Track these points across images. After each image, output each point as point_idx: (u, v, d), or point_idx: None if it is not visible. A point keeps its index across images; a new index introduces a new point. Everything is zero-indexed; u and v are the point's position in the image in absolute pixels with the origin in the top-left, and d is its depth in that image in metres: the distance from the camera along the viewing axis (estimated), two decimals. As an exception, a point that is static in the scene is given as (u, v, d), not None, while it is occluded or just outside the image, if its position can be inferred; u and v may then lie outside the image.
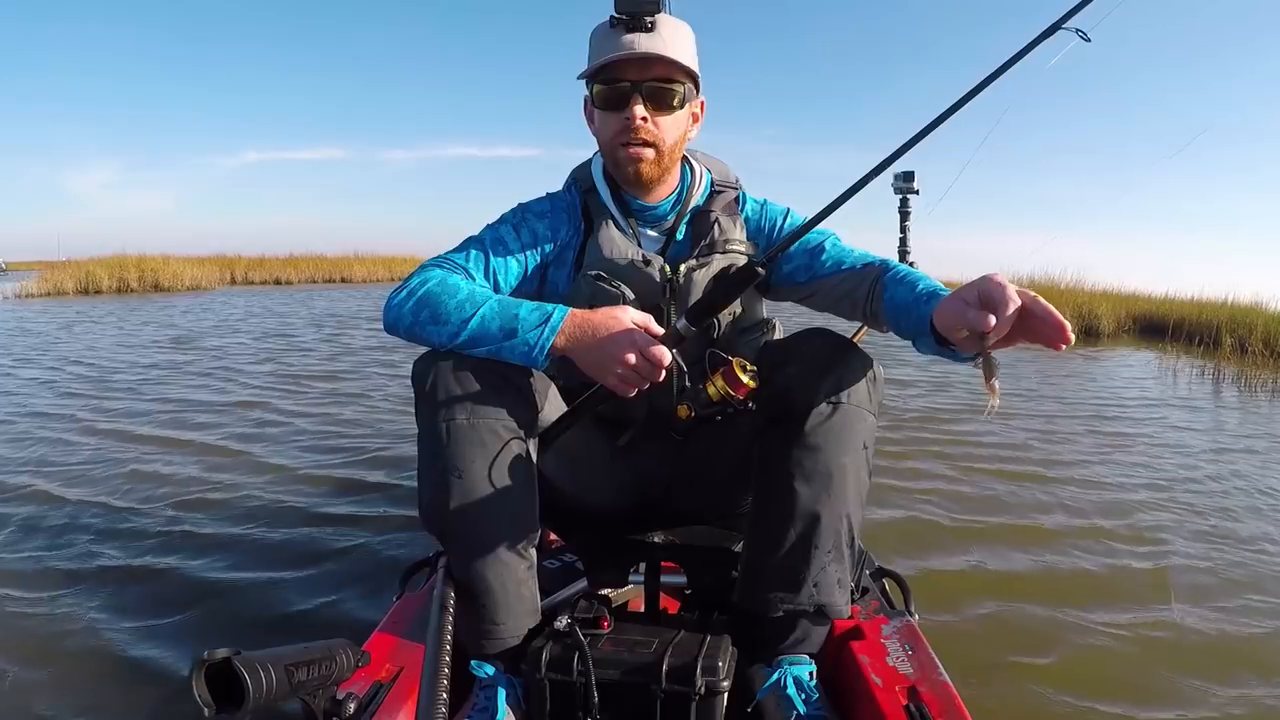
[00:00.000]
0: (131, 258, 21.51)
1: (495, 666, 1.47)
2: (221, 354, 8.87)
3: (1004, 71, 1.40)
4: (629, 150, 1.54)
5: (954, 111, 1.41)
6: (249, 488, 3.79)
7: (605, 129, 1.56)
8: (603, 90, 1.54)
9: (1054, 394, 6.91)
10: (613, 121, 1.54)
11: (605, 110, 1.55)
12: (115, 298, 17.91)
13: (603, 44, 1.51)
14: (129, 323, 12.56)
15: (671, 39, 1.51)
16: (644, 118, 1.52)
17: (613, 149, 1.56)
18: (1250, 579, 2.88)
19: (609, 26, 1.51)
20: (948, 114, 1.41)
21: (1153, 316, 13.49)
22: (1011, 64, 1.40)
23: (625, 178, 1.60)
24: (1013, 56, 1.41)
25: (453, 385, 1.41)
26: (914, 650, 1.55)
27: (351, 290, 22.11)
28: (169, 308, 15.37)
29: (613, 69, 1.50)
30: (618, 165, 1.58)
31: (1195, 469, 4.42)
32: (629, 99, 1.51)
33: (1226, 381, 8.25)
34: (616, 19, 1.49)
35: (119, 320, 12.96)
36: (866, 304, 1.55)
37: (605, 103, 1.54)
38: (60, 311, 14.63)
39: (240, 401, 6.00)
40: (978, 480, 4.11)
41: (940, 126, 1.42)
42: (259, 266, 26.08)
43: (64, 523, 3.29)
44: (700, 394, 1.44)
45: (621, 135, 1.53)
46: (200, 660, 1.08)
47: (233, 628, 2.42)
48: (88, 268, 20.10)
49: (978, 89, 1.41)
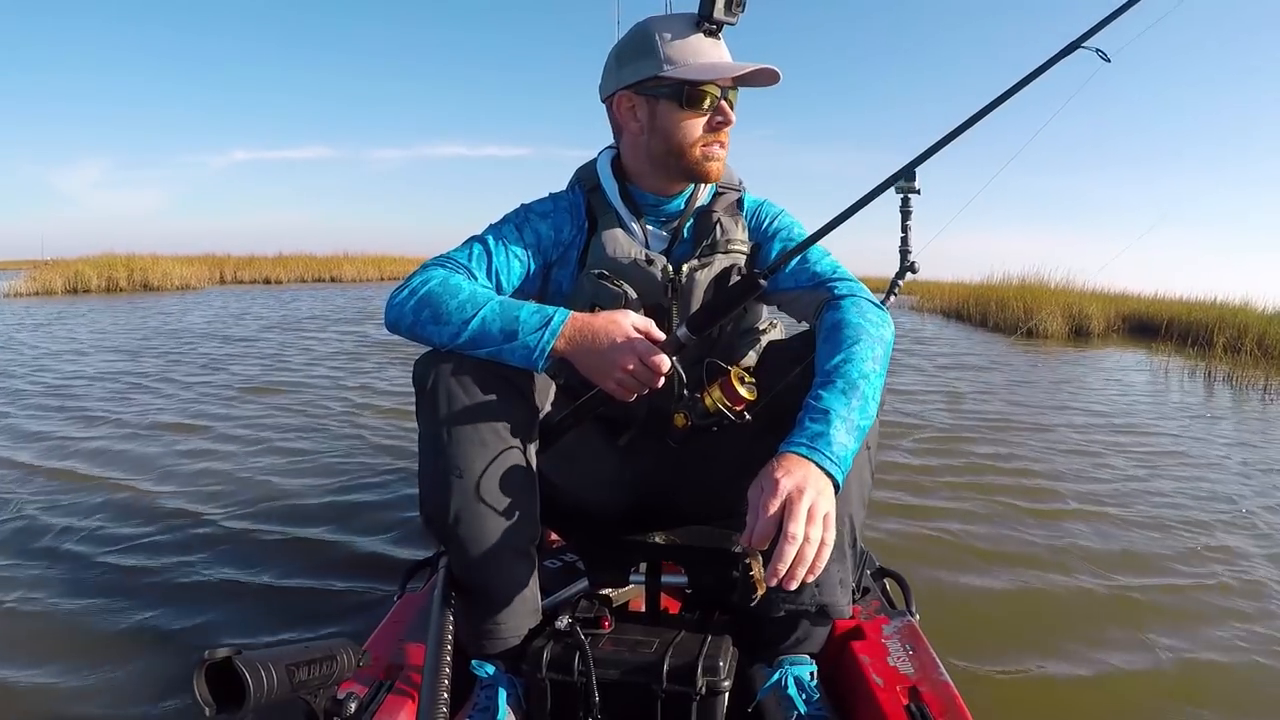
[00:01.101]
0: (120, 257, 21.40)
1: (496, 666, 1.47)
2: (218, 350, 8.85)
3: (1019, 89, 1.39)
4: (714, 149, 1.55)
5: (966, 128, 1.40)
6: (248, 488, 3.77)
7: (690, 130, 1.53)
8: (697, 93, 1.50)
9: (1050, 398, 6.93)
10: (701, 124, 1.53)
11: (692, 111, 1.52)
12: (104, 297, 17.81)
13: (693, 47, 1.50)
14: (127, 319, 12.49)
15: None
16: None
17: (697, 150, 1.54)
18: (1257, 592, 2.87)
19: (691, 26, 1.50)
20: (959, 131, 1.40)
21: (1142, 316, 13.58)
22: (1027, 82, 1.40)
23: (702, 174, 1.58)
24: (1029, 74, 1.40)
25: (454, 386, 1.41)
26: (915, 650, 1.55)
27: (340, 290, 22.03)
28: (152, 307, 15.29)
29: (713, 75, 1.50)
30: (695, 164, 1.56)
31: (1192, 475, 4.41)
32: (726, 103, 1.53)
33: (1219, 382, 8.32)
34: (709, 26, 1.50)
35: (111, 316, 12.89)
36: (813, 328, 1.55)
37: (698, 106, 1.52)
38: (38, 310, 14.51)
39: (240, 402, 5.97)
40: (978, 481, 4.12)
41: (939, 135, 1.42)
42: (248, 266, 25.98)
43: (64, 523, 3.27)
44: (697, 404, 1.43)
45: (710, 138, 1.54)
46: (201, 660, 1.08)
47: (233, 627, 2.41)
48: (76, 267, 19.99)
49: (992, 106, 1.40)
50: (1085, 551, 3.15)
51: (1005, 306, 13.88)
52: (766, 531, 1.18)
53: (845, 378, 1.34)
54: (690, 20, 1.50)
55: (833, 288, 1.52)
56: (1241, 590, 2.82)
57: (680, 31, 1.50)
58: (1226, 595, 2.77)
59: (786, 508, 1.17)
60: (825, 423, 1.28)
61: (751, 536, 1.19)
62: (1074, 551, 3.14)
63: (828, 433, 1.27)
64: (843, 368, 1.35)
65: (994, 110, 1.40)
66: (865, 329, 1.41)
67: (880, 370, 1.38)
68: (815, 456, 1.24)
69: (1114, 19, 1.40)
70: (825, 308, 1.49)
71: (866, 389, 1.34)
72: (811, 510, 1.18)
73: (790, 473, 1.20)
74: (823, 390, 1.33)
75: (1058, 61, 1.39)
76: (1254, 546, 3.25)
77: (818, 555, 1.18)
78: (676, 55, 1.49)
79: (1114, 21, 1.40)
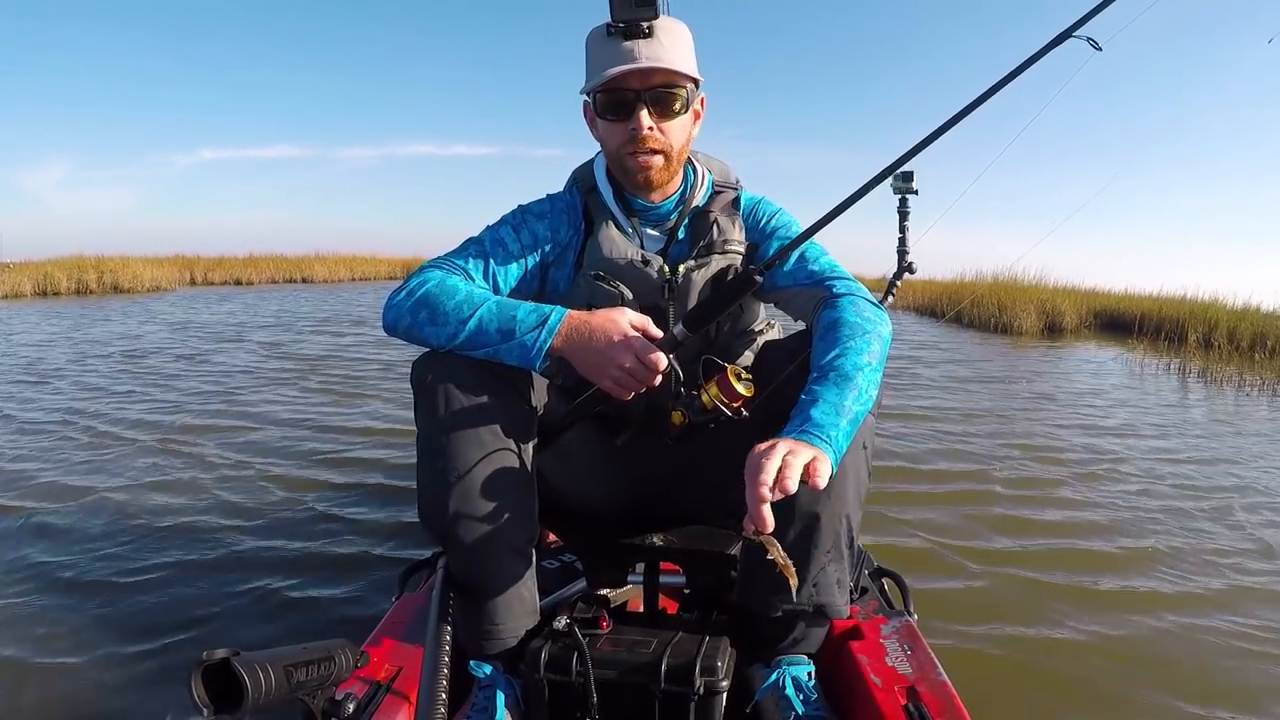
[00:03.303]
0: (90, 258, 21.05)
1: (494, 667, 1.47)
2: (223, 352, 8.78)
3: (1011, 80, 1.40)
4: (637, 159, 1.53)
5: (958, 120, 1.40)
6: (246, 489, 3.75)
7: (611, 138, 1.55)
8: (606, 100, 1.52)
9: (1038, 396, 6.94)
10: (618, 131, 1.53)
11: (610, 120, 1.53)
12: (75, 300, 17.55)
13: (602, 53, 1.49)
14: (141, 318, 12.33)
15: (671, 44, 1.49)
16: (650, 126, 1.51)
17: (620, 158, 1.55)
18: (1252, 584, 2.90)
19: (606, 34, 1.49)
20: (951, 123, 1.41)
21: (1113, 312, 13.71)
22: (1019, 72, 1.40)
23: (634, 184, 1.59)
24: (1021, 64, 1.40)
25: (451, 386, 1.41)
26: (913, 650, 1.56)
27: (314, 291, 21.86)
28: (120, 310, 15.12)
29: (615, 79, 1.48)
30: (626, 173, 1.57)
31: (1188, 473, 4.43)
32: (634, 108, 1.50)
33: (1192, 376, 8.44)
34: (614, 27, 1.47)
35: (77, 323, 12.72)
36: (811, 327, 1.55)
37: (609, 112, 1.53)
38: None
39: (240, 401, 5.95)
40: (977, 480, 4.13)
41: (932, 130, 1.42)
42: (219, 267, 25.62)
43: (62, 524, 3.26)
44: (694, 401, 1.43)
45: (628, 145, 1.52)
46: (199, 660, 1.07)
47: (231, 628, 2.40)
48: (45, 269, 19.66)
49: (984, 97, 1.40)
50: (1084, 550, 3.17)
51: (980, 304, 13.95)
52: (759, 508, 1.15)
53: (839, 371, 1.34)
54: (605, 26, 1.50)
55: (830, 286, 1.52)
56: (1247, 592, 2.83)
57: (596, 39, 1.51)
58: (1227, 595, 2.78)
59: (760, 465, 1.15)
60: (815, 410, 1.29)
61: (750, 520, 1.16)
62: (1072, 550, 3.16)
63: (817, 418, 1.28)
64: (837, 362, 1.36)
65: (986, 101, 1.40)
66: (862, 326, 1.41)
67: (877, 365, 1.39)
68: (803, 437, 1.24)
69: (1105, 7, 1.40)
70: (822, 306, 1.49)
71: (861, 380, 1.34)
72: (787, 459, 1.16)
73: (773, 448, 1.19)
74: (816, 385, 1.34)
75: (1049, 51, 1.40)
76: (1253, 546, 3.27)
77: (810, 477, 1.16)
78: (592, 64, 1.51)
79: (1104, 10, 1.40)
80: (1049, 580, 2.87)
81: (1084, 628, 2.51)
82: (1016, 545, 3.22)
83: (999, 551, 3.14)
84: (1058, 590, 2.78)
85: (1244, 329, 10.92)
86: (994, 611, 2.60)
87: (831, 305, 1.48)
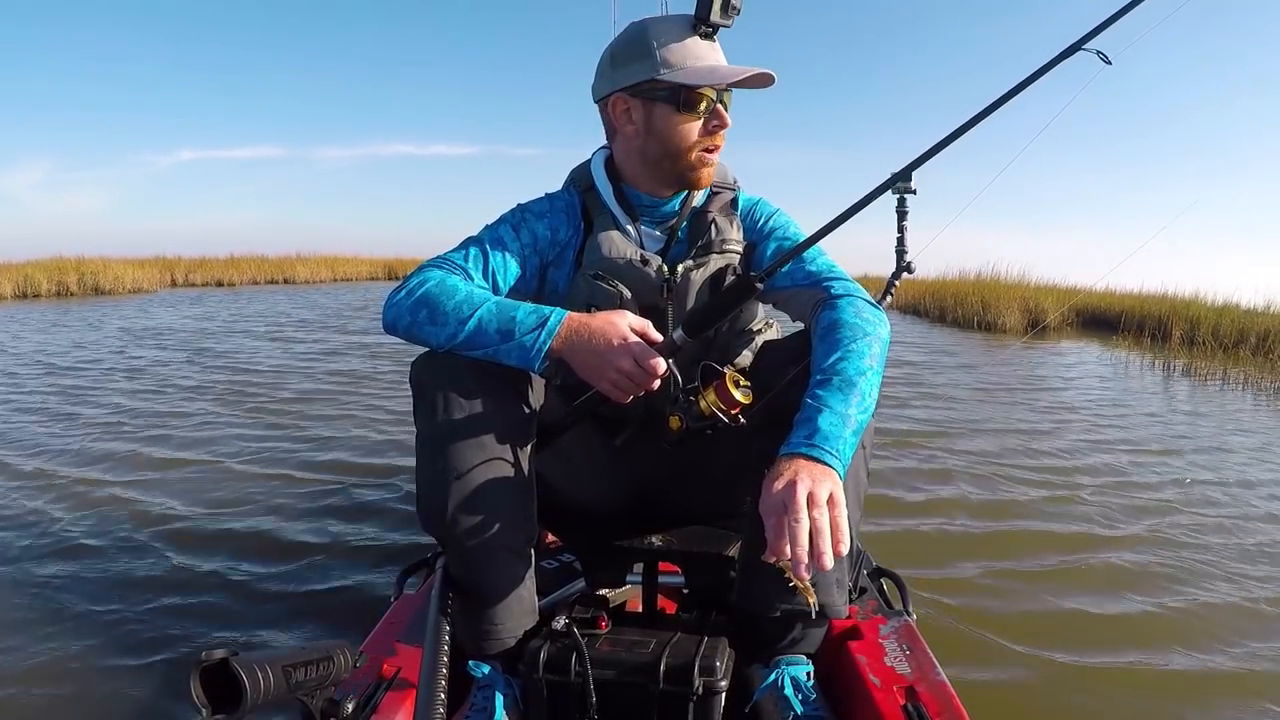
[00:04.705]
0: (70, 260, 20.88)
1: (493, 667, 1.47)
2: (229, 351, 8.80)
3: (1019, 91, 1.39)
4: (711, 155, 1.56)
5: (965, 131, 1.40)
6: (246, 490, 3.75)
7: (688, 134, 1.53)
8: (694, 97, 1.50)
9: (1029, 393, 7.00)
10: (698, 127, 1.52)
11: (687, 115, 1.52)
12: (55, 302, 17.41)
13: (688, 51, 1.49)
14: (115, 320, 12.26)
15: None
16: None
17: (692, 154, 1.54)
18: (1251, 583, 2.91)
19: (688, 28, 1.49)
20: (958, 133, 1.40)
21: (1096, 310, 13.78)
22: (1027, 85, 1.39)
23: (692, 181, 1.58)
24: (1029, 77, 1.39)
25: (450, 387, 1.40)
26: (912, 650, 1.56)
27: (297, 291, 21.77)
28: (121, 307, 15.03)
29: (723, 77, 1.49)
30: (689, 168, 1.56)
31: (1184, 470, 4.47)
32: (722, 106, 1.52)
33: (1177, 374, 8.52)
34: (704, 29, 1.49)
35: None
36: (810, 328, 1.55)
37: (695, 109, 1.51)
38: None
39: (240, 400, 5.95)
40: (975, 480, 4.14)
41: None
42: (200, 268, 25.44)
43: (61, 525, 3.25)
44: (692, 407, 1.43)
45: (707, 141, 1.54)
46: (197, 661, 1.06)
47: (230, 628, 2.40)
48: (25, 271, 19.47)
49: (991, 109, 1.39)
50: (1083, 549, 3.17)
51: (963, 302, 14.03)
52: (779, 542, 1.15)
53: (842, 375, 1.34)
54: (687, 22, 1.49)
55: (829, 287, 1.52)
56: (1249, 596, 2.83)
57: (677, 34, 1.49)
58: (1228, 595, 2.79)
59: (786, 506, 1.15)
60: (822, 419, 1.28)
61: (771, 551, 1.16)
62: (1071, 550, 3.16)
63: (825, 428, 1.27)
64: (839, 366, 1.35)
65: (994, 112, 1.39)
66: (862, 328, 1.41)
67: (877, 368, 1.39)
68: (813, 452, 1.24)
69: (1115, 20, 1.40)
70: (821, 307, 1.49)
71: (864, 385, 1.34)
72: (812, 496, 1.16)
73: (783, 474, 1.19)
74: (820, 390, 1.33)
75: (1058, 64, 1.39)
76: (1254, 546, 3.28)
77: (835, 533, 1.16)
78: (673, 58, 1.48)
79: (1115, 24, 1.39)
80: (1049, 580, 2.88)
81: (1084, 627, 2.52)
82: (1018, 545, 3.22)
83: (999, 552, 3.15)
84: (1058, 590, 2.79)
85: (1226, 325, 11.02)
86: (993, 611, 2.61)
87: (830, 306, 1.48)
